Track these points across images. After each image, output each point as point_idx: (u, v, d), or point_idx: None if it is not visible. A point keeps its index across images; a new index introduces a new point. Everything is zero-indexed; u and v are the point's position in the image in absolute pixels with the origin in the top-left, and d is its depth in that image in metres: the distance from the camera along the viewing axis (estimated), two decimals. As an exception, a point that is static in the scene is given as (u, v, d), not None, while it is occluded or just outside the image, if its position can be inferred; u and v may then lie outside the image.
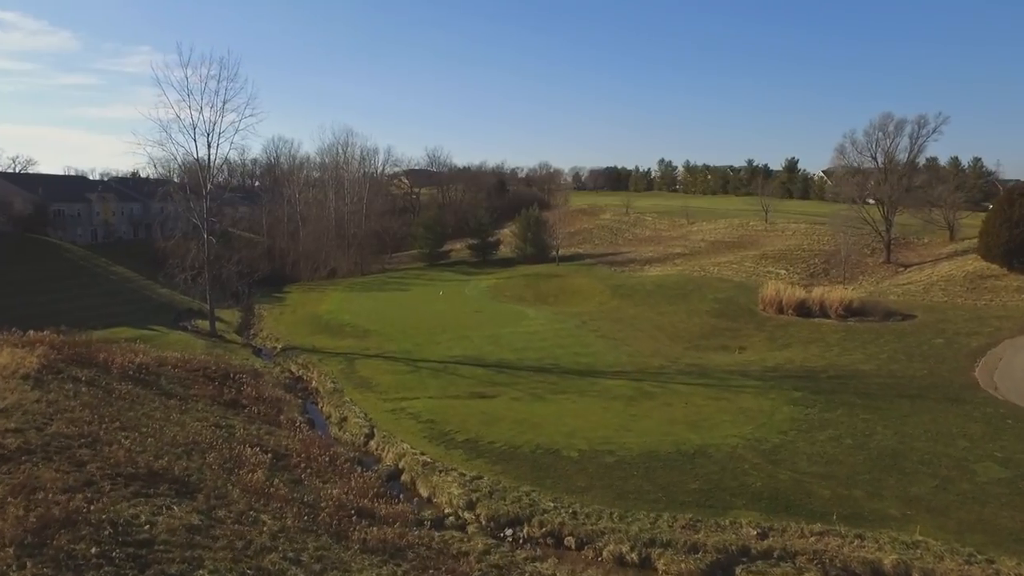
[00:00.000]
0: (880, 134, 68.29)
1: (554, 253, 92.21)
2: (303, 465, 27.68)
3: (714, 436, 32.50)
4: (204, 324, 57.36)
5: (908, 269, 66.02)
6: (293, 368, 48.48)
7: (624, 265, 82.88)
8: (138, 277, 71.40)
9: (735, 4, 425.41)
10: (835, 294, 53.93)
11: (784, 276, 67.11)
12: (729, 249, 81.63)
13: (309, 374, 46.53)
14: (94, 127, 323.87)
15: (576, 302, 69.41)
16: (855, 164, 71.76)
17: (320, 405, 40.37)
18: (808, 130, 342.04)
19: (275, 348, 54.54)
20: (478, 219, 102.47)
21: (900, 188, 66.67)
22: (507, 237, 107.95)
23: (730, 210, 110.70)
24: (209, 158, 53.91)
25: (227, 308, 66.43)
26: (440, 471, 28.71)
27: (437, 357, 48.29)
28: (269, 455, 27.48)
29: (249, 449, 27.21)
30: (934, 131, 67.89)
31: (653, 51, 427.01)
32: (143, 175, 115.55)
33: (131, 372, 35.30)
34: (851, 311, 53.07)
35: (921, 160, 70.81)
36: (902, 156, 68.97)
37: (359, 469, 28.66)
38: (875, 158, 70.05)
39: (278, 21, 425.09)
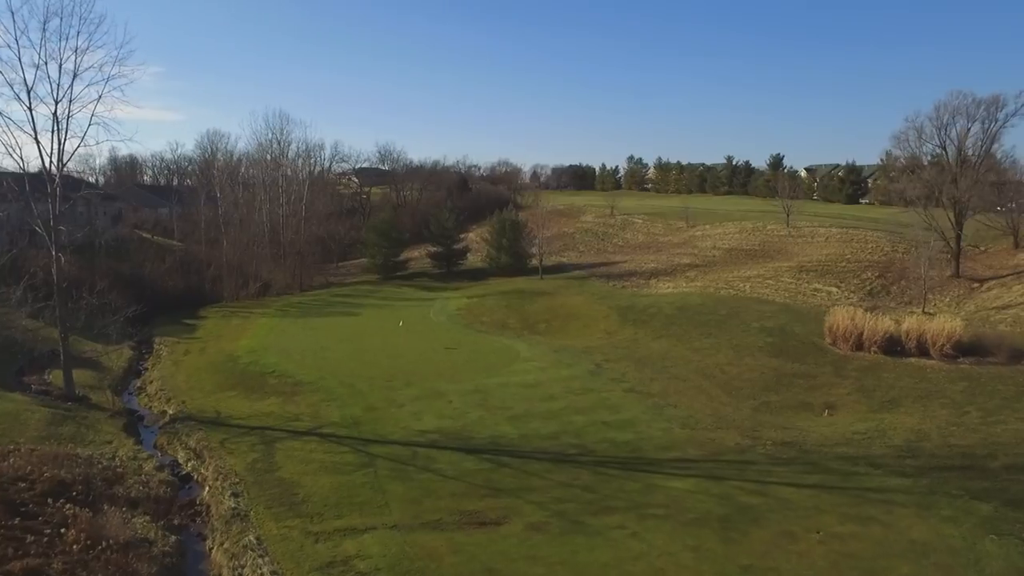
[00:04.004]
0: (950, 117, 54.96)
1: (536, 263, 76.58)
2: None
3: (915, 626, 18.00)
4: (61, 377, 39.89)
5: (985, 285, 53.18)
6: (181, 456, 32.05)
7: (623, 279, 68.10)
8: (-9, 304, 52.88)
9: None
10: (938, 326, 40.28)
11: (838, 295, 53.45)
12: (752, 259, 67.51)
13: (203, 470, 30.09)
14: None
15: (576, 331, 54.23)
16: (919, 156, 58.05)
17: (209, 546, 24.13)
18: (788, 127, 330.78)
19: (164, 415, 37.77)
20: (441, 222, 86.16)
21: (981, 186, 53.63)
22: (475, 243, 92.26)
23: (733, 211, 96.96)
24: (56, 137, 36.53)
25: (114, 346, 48.67)
26: None
27: (400, 435, 32.49)
28: None
29: None
30: (1014, 114, 54.95)
31: (612, 49, 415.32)
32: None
33: None
34: (961, 349, 39.56)
35: (996, 150, 57.79)
36: (973, 145, 55.72)
37: None
38: (944, 148, 56.75)
39: (218, 13, 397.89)
